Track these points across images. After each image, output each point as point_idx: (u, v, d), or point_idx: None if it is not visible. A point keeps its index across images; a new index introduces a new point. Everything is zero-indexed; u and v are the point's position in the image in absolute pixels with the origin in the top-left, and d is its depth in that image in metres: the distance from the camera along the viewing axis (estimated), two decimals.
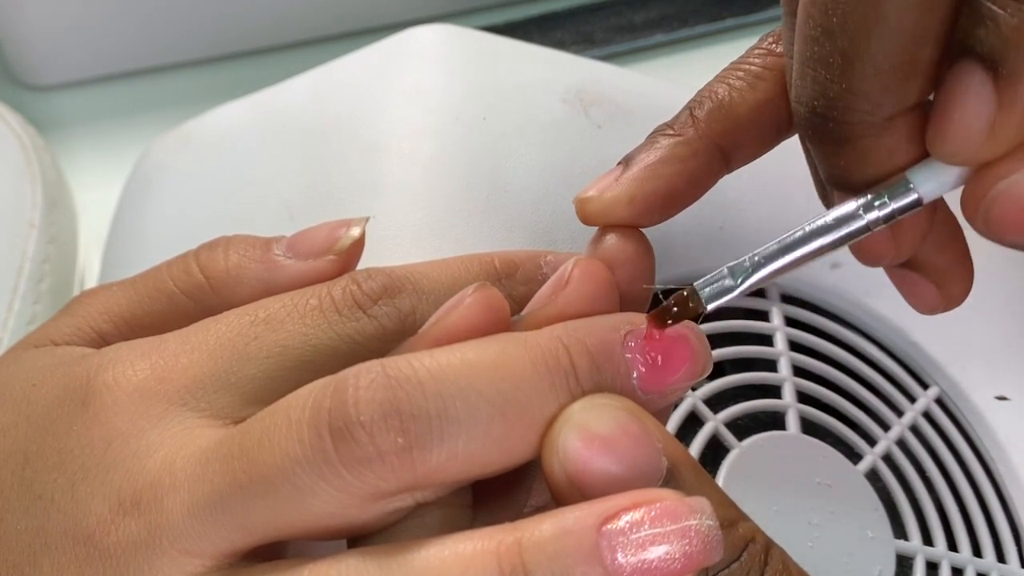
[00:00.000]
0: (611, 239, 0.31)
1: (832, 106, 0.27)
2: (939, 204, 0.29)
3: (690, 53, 0.67)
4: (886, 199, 0.27)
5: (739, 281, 0.27)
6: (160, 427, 0.27)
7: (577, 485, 0.24)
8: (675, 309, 0.27)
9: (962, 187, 0.27)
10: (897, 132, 0.27)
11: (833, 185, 0.29)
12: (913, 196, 0.27)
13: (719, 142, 0.32)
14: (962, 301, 0.31)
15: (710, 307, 0.27)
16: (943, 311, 0.31)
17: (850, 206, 0.27)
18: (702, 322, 0.27)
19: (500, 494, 0.27)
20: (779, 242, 0.27)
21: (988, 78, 0.24)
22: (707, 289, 0.27)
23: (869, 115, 0.26)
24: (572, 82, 0.42)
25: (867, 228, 0.27)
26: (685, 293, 0.27)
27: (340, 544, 0.26)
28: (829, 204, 0.31)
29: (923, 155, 0.27)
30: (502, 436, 0.24)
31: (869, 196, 0.27)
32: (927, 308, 0.31)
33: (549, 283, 0.28)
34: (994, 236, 0.26)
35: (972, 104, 0.24)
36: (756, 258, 0.27)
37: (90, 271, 0.55)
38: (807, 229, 0.27)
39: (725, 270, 0.27)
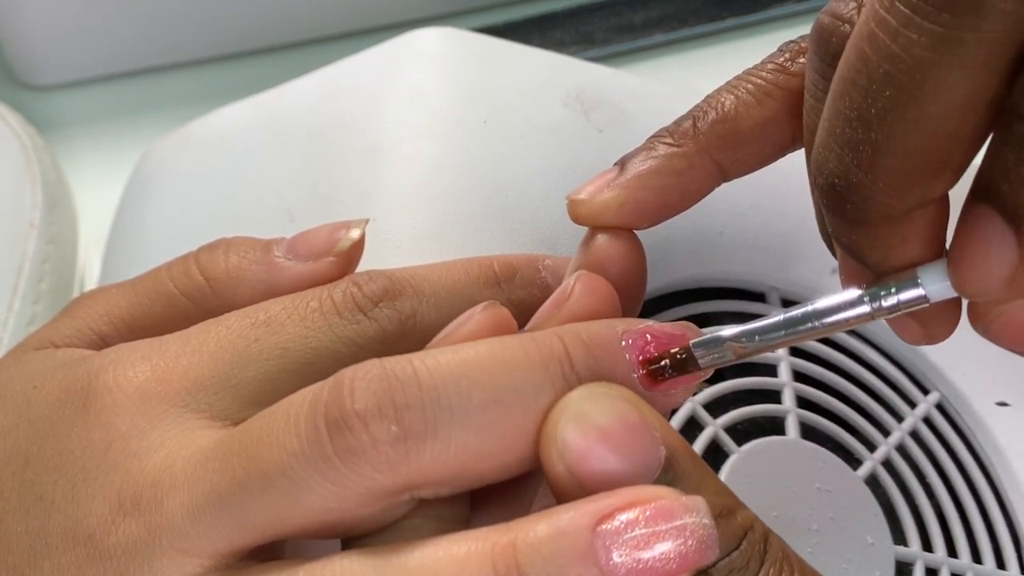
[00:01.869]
0: (602, 239, 0.31)
1: (853, 190, 0.26)
2: None
3: (690, 53, 0.67)
4: (893, 291, 0.27)
5: (736, 352, 0.28)
6: (160, 428, 0.27)
7: (575, 475, 0.24)
8: (670, 370, 0.27)
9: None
10: (914, 223, 0.26)
11: (839, 247, 0.29)
12: (919, 292, 0.26)
13: (718, 156, 0.32)
14: (945, 339, 0.31)
15: (705, 374, 0.28)
16: (926, 344, 0.31)
17: (855, 293, 0.27)
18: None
19: (501, 507, 0.27)
20: (783, 315, 0.27)
21: (1009, 230, 0.24)
22: (705, 357, 0.27)
23: (889, 207, 0.26)
24: (573, 85, 0.42)
25: (871, 316, 0.27)
26: (680, 354, 0.27)
27: (337, 545, 0.26)
28: (830, 242, 0.31)
29: (938, 246, 0.27)
30: (496, 425, 0.25)
31: (877, 286, 0.27)
32: (911, 342, 0.31)
33: (552, 297, 0.29)
34: (993, 342, 0.27)
35: (994, 254, 0.24)
36: (756, 328, 0.28)
37: (90, 271, 0.55)
38: (810, 308, 0.27)
39: (723, 335, 0.28)
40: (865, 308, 0.27)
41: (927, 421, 0.41)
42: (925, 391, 0.41)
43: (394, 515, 0.25)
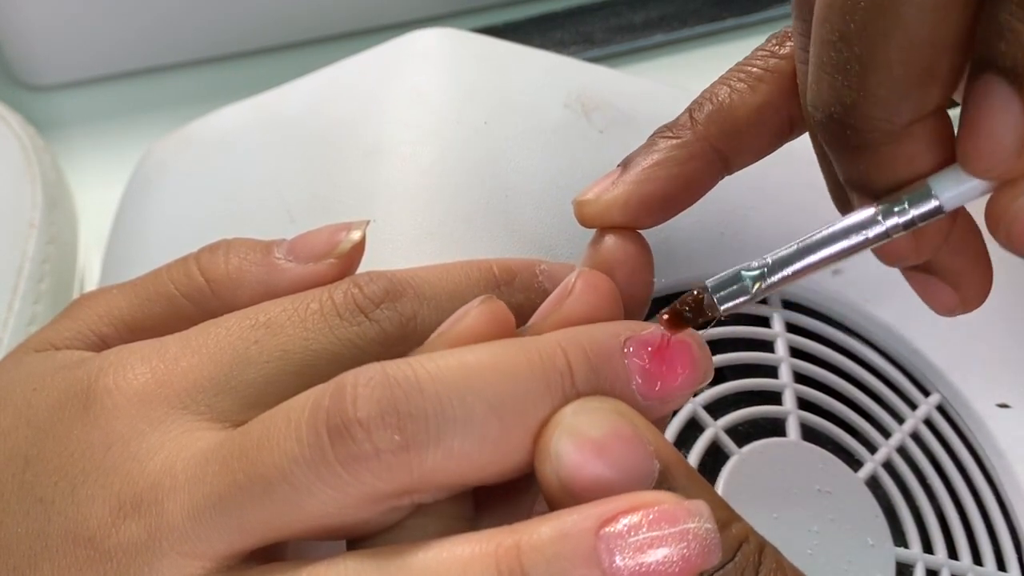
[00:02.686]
0: (609, 240, 0.31)
1: (849, 112, 0.26)
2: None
3: (690, 53, 0.67)
4: (906, 205, 0.26)
5: (755, 284, 0.27)
6: (160, 430, 0.27)
7: (569, 489, 0.24)
8: (688, 312, 0.27)
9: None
10: (916, 139, 0.26)
11: (852, 189, 0.28)
12: (934, 204, 0.26)
13: (718, 145, 0.32)
14: (981, 303, 0.31)
15: (725, 312, 0.27)
16: (962, 313, 0.31)
17: (869, 211, 0.27)
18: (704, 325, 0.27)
19: (504, 503, 0.27)
20: (797, 244, 0.27)
21: (1013, 92, 0.24)
22: (721, 292, 0.27)
23: (887, 122, 0.26)
24: (574, 87, 0.42)
25: (887, 234, 0.27)
26: (696, 293, 0.27)
27: (339, 545, 0.26)
28: (844, 209, 0.31)
29: (945, 161, 0.26)
30: (497, 437, 0.25)
31: (890, 202, 0.27)
32: (945, 310, 0.31)
33: (554, 294, 0.29)
34: (1017, 250, 0.26)
35: (999, 120, 0.24)
36: (771, 260, 0.27)
37: (90, 272, 0.55)
38: (825, 233, 0.27)
39: (740, 271, 0.27)
40: (880, 227, 0.27)
41: (928, 423, 0.41)
42: (926, 392, 0.41)
43: (395, 517, 0.25)
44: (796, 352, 0.40)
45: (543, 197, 0.39)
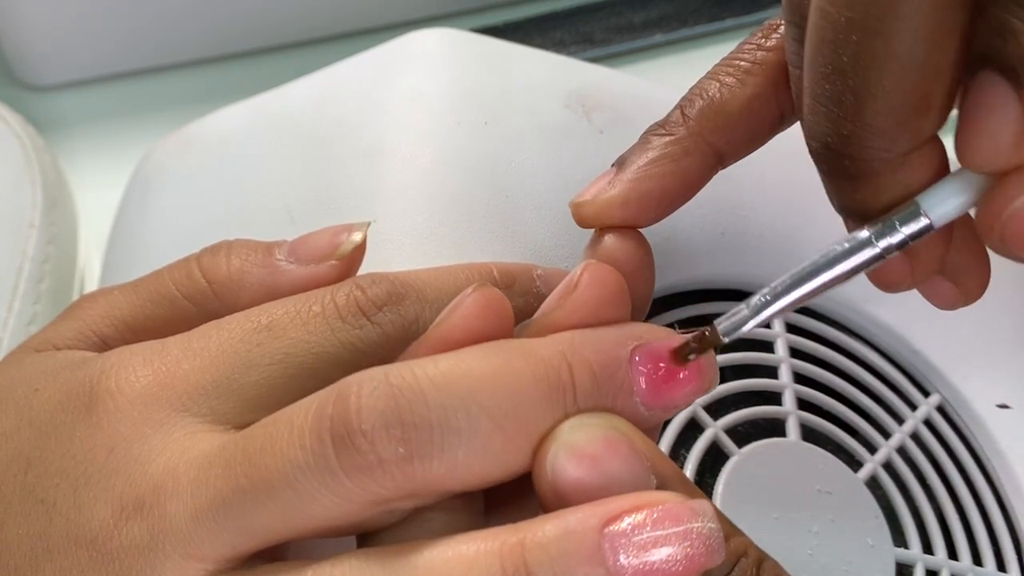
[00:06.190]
0: (609, 240, 0.31)
1: (846, 143, 0.26)
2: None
3: (690, 53, 0.67)
4: (897, 225, 0.27)
5: (754, 315, 0.27)
6: (162, 432, 0.27)
7: (566, 503, 0.24)
8: (695, 346, 0.27)
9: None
10: (913, 166, 0.26)
11: (848, 216, 0.29)
12: (924, 222, 0.26)
13: (711, 140, 0.32)
14: (980, 296, 0.31)
15: (727, 338, 0.27)
16: (963, 306, 0.31)
17: (862, 234, 0.27)
18: None
19: (513, 503, 0.28)
20: (792, 275, 0.27)
21: (1011, 89, 0.24)
22: (725, 324, 0.27)
23: (885, 152, 0.26)
24: (574, 87, 0.42)
25: (881, 256, 0.27)
26: (707, 333, 0.27)
27: (342, 543, 0.26)
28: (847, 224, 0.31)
29: (936, 180, 0.27)
30: (500, 450, 0.25)
31: (881, 223, 0.27)
32: (947, 305, 0.31)
33: (559, 288, 0.28)
34: (1011, 253, 0.26)
35: (998, 116, 0.24)
36: (770, 293, 0.27)
37: (90, 272, 0.55)
38: (819, 260, 0.27)
39: (744, 307, 0.27)
40: (874, 250, 0.27)
41: (928, 423, 0.41)
42: (926, 393, 0.41)
43: (398, 516, 0.26)
44: (796, 352, 0.40)
45: (543, 197, 0.39)
